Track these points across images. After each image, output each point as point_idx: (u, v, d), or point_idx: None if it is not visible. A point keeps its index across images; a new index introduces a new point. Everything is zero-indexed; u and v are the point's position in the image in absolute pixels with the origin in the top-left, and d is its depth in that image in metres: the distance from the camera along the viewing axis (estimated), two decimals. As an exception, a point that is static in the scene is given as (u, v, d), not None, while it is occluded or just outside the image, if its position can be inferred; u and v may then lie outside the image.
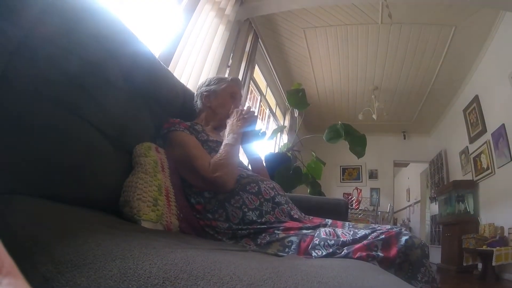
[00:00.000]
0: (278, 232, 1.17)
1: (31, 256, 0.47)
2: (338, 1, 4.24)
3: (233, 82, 1.79)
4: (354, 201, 6.86)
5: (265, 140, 4.12)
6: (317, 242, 1.08)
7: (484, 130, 5.26)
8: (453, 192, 5.83)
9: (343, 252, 1.02)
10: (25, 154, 0.80)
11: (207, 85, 1.76)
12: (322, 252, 1.05)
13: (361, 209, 6.63)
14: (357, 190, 7.22)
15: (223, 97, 1.72)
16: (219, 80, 1.77)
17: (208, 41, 3.31)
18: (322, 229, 1.16)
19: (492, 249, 3.99)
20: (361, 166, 8.49)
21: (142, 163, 1.12)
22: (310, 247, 1.08)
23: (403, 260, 0.99)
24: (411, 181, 10.43)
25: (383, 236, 1.02)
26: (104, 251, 0.49)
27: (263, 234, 1.18)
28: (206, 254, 0.62)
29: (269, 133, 4.24)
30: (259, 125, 5.42)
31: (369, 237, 1.04)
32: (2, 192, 0.72)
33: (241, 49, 4.14)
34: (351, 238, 1.06)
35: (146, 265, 0.46)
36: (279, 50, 5.58)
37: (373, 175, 8.60)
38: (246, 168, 1.63)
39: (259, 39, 4.76)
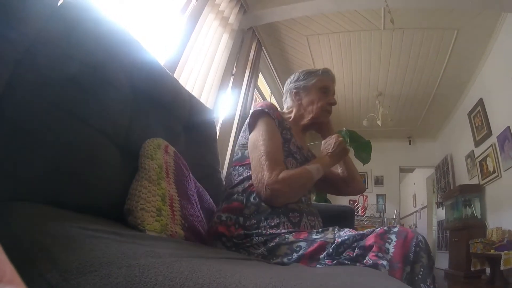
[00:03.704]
0: (289, 236, 1.16)
1: (36, 263, 0.48)
2: (340, 8, 4.25)
3: (324, 75, 1.62)
4: (360, 208, 6.82)
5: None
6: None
7: (489, 133, 5.23)
8: (459, 197, 5.78)
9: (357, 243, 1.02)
10: (29, 161, 0.80)
11: (295, 81, 1.63)
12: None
13: (367, 216, 6.60)
14: (363, 197, 7.17)
15: (314, 93, 1.58)
16: (308, 74, 1.62)
17: (212, 50, 3.33)
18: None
19: (500, 253, 3.93)
20: (366, 172, 8.44)
21: (146, 168, 1.10)
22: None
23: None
24: (417, 187, 10.36)
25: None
26: (109, 259, 0.49)
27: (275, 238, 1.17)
28: (211, 262, 0.62)
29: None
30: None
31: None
32: (6, 199, 0.72)
33: (245, 57, 4.16)
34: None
35: (151, 273, 0.47)
36: (283, 58, 5.59)
37: (378, 181, 8.55)
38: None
39: (263, 47, 4.78)
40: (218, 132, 2.79)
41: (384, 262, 0.94)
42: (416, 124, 7.75)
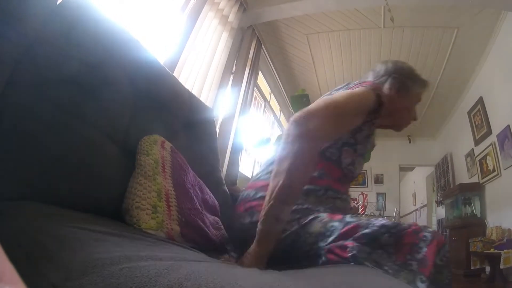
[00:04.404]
0: (323, 215, 1.09)
1: (36, 263, 0.48)
2: (340, 6, 4.25)
3: (426, 89, 1.51)
4: (360, 207, 6.83)
5: (270, 146, 4.11)
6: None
7: (489, 132, 5.24)
8: (459, 195, 5.79)
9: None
10: (29, 161, 0.80)
11: (405, 75, 1.45)
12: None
13: (367, 214, 6.60)
14: (363, 195, 7.16)
15: (413, 102, 1.47)
16: (418, 79, 1.48)
17: (212, 48, 3.34)
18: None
19: (499, 251, 3.95)
20: (366, 171, 8.46)
21: (142, 164, 1.09)
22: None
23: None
24: (417, 185, 10.37)
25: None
26: (112, 259, 0.50)
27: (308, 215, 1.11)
28: (210, 264, 0.63)
29: (273, 139, 4.23)
30: (266, 132, 5.41)
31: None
32: (7, 198, 0.72)
33: (245, 56, 4.16)
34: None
35: (152, 274, 0.47)
36: (283, 56, 5.59)
37: (378, 180, 8.57)
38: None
39: (263, 46, 4.78)
40: (218, 130, 2.79)
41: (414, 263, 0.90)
42: (416, 122, 7.70)
